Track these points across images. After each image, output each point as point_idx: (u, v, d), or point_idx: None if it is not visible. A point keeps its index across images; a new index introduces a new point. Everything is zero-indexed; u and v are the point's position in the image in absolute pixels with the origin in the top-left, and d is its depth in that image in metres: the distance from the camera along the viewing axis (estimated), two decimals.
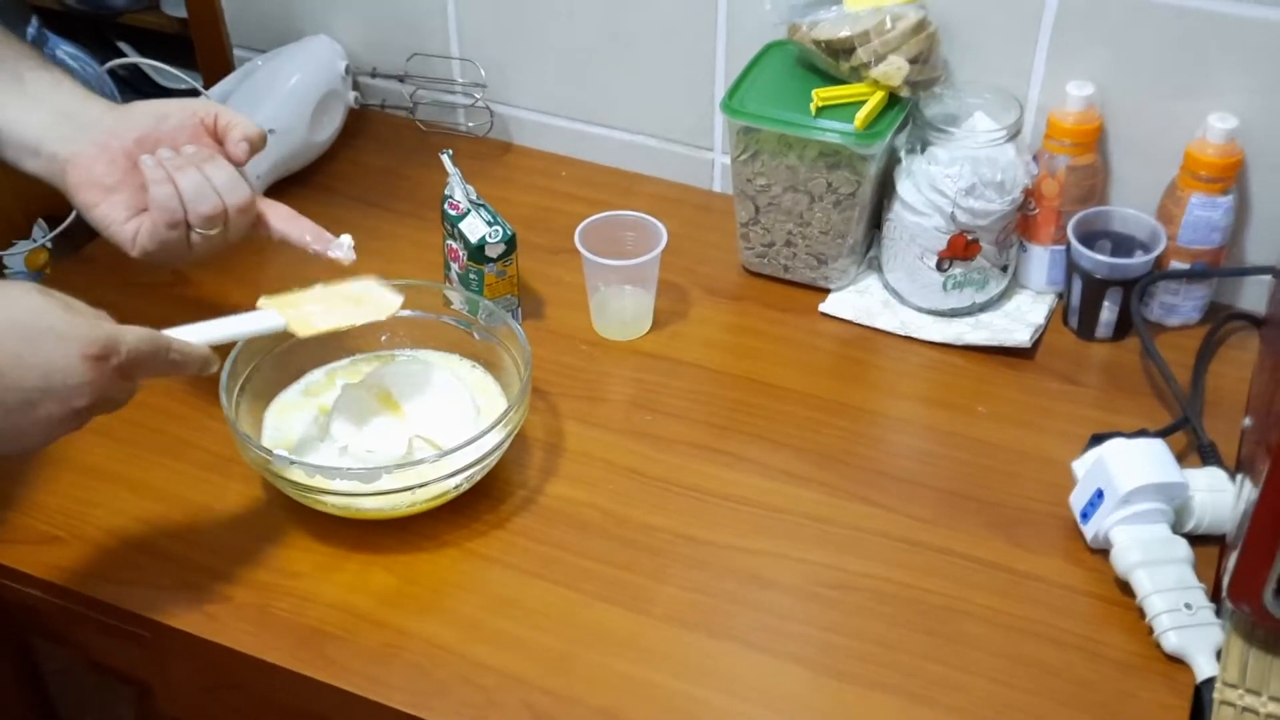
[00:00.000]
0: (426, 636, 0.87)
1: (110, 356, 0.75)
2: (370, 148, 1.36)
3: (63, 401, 0.73)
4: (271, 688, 0.88)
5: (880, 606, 0.89)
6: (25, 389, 0.72)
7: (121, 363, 0.76)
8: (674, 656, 0.86)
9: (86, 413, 0.75)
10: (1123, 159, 1.11)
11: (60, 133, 0.89)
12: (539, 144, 1.35)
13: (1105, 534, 0.90)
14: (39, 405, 0.73)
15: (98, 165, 0.89)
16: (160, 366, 0.79)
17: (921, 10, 1.07)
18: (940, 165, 1.06)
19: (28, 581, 0.93)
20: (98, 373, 0.74)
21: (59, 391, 0.73)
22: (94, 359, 0.74)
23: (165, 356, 0.79)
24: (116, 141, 0.90)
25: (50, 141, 0.89)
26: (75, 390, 0.74)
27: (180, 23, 1.57)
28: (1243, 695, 0.82)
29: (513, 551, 0.93)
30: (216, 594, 0.90)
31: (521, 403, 0.94)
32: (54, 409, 0.73)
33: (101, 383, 0.75)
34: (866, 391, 1.07)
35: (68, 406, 0.74)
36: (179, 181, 0.88)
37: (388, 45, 1.35)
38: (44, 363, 0.73)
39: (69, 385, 0.73)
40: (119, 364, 0.76)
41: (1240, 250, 1.11)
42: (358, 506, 0.92)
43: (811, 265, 1.15)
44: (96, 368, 0.74)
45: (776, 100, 1.09)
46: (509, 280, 1.08)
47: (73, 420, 0.75)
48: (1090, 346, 1.10)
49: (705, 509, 0.96)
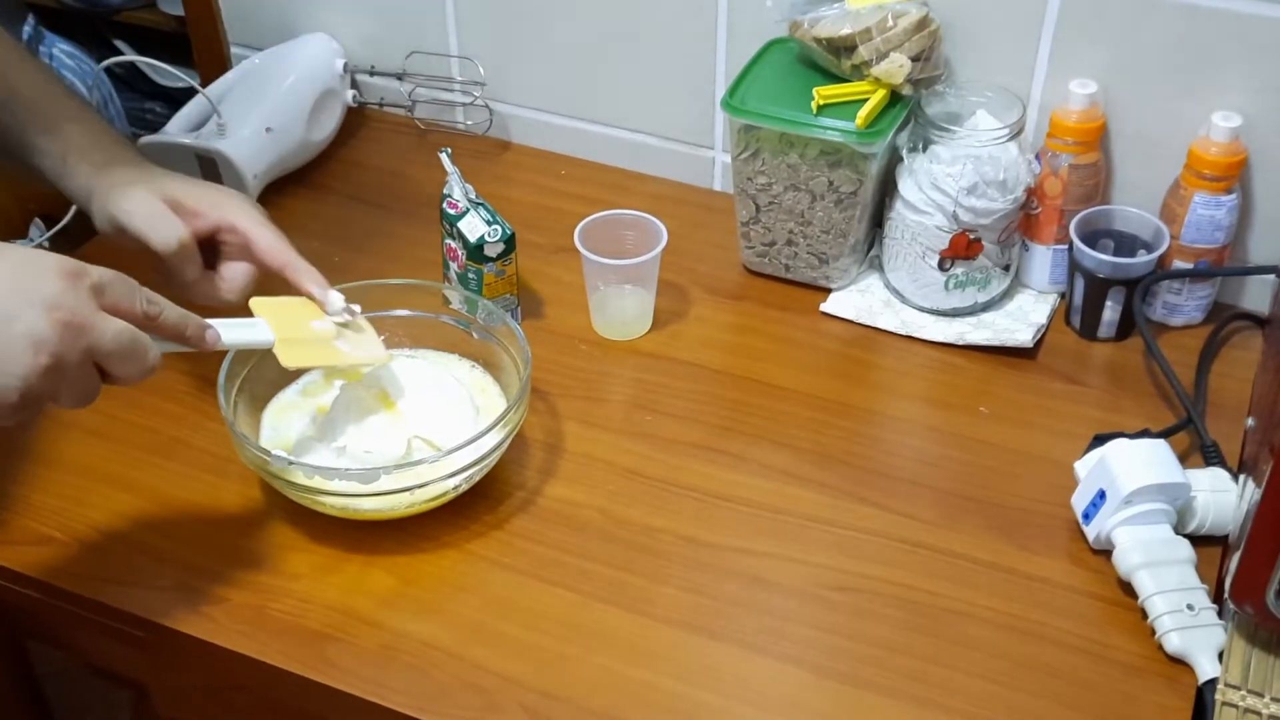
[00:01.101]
0: (425, 638, 0.87)
1: (82, 276, 0.74)
2: (368, 146, 1.36)
3: (43, 312, 0.71)
4: (269, 689, 0.88)
5: (882, 608, 0.89)
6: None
7: (94, 283, 0.74)
8: (674, 658, 0.86)
9: (71, 332, 0.72)
10: (1126, 158, 1.11)
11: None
12: (538, 142, 1.35)
13: (1107, 535, 0.90)
14: (18, 318, 0.71)
15: None
16: (133, 302, 0.77)
17: (924, 8, 1.07)
18: (942, 164, 1.05)
19: (23, 583, 0.92)
20: (71, 286, 0.73)
21: (35, 302, 0.71)
22: (66, 274, 0.73)
23: (138, 294, 0.78)
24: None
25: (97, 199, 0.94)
26: (52, 301, 0.72)
27: (177, 20, 1.56)
28: (1245, 696, 0.82)
29: (512, 553, 0.93)
30: (214, 595, 0.90)
31: (521, 403, 0.94)
32: (34, 322, 0.71)
33: (77, 299, 0.73)
34: (868, 392, 1.06)
35: (49, 319, 0.71)
36: None
37: (386, 43, 1.35)
38: (15, 274, 0.72)
39: (44, 295, 0.71)
40: (91, 284, 0.74)
41: (1244, 250, 1.11)
42: (356, 507, 0.91)
43: (813, 264, 1.14)
44: (69, 281, 0.73)
45: (777, 98, 1.08)
46: (508, 280, 1.08)
47: (58, 339, 0.72)
48: (1093, 346, 1.10)
49: (706, 510, 0.96)
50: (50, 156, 0.95)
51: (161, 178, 0.96)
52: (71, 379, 0.74)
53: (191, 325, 0.82)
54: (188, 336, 0.82)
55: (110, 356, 0.75)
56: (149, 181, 0.95)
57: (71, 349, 0.73)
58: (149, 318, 0.78)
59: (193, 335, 0.82)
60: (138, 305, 0.77)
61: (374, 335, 0.96)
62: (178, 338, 0.81)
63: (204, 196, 0.95)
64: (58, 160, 0.95)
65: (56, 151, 0.95)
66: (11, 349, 0.71)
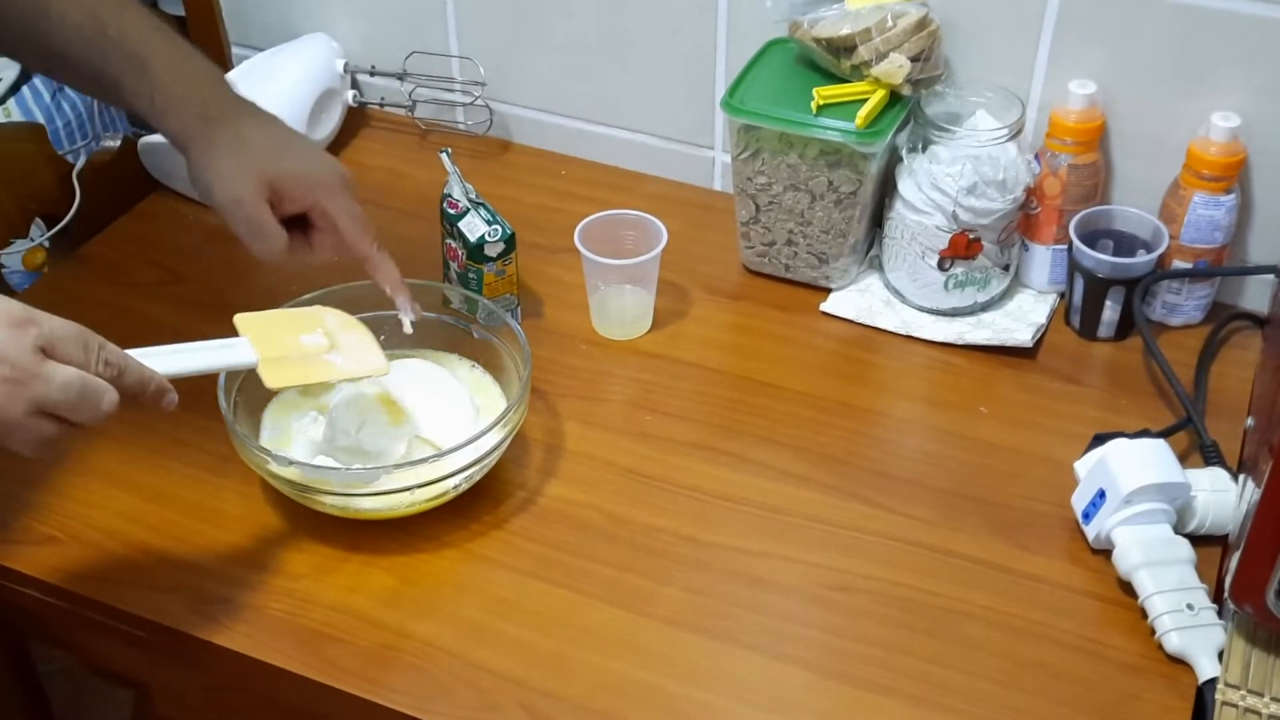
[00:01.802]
0: (425, 638, 0.87)
1: (29, 327, 0.72)
2: (369, 146, 1.36)
3: None
4: (269, 689, 0.88)
5: (881, 608, 0.89)
6: None
7: (42, 336, 0.72)
8: (674, 658, 0.86)
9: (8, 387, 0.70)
10: (1125, 158, 1.11)
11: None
12: (538, 142, 1.35)
13: (1107, 534, 0.90)
14: None
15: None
16: (86, 360, 0.74)
17: (923, 8, 1.07)
18: (942, 164, 1.06)
19: (24, 582, 0.92)
20: (14, 338, 0.70)
21: None
22: (12, 323, 0.71)
23: (93, 354, 0.75)
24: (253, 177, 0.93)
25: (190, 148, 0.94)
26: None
27: (178, 20, 1.56)
28: (1245, 696, 0.82)
29: (512, 552, 0.93)
30: (214, 595, 0.90)
31: (521, 402, 0.94)
32: None
33: (19, 352, 0.70)
34: (868, 391, 1.06)
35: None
36: None
37: (386, 43, 1.35)
38: None
39: None
40: (39, 336, 0.72)
41: (1243, 249, 1.11)
42: (356, 507, 0.91)
43: (812, 264, 1.14)
44: (12, 333, 0.71)
45: (777, 98, 1.09)
46: (508, 279, 1.08)
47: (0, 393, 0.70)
48: (1092, 346, 1.10)
49: (706, 510, 0.96)
50: (140, 99, 0.93)
51: (258, 151, 0.94)
52: (20, 429, 0.72)
53: (150, 390, 0.78)
54: (145, 400, 0.78)
55: (59, 406, 0.72)
56: (247, 156, 0.93)
57: (11, 403, 0.71)
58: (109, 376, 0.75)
59: (150, 401, 0.79)
60: (91, 365, 0.74)
61: (374, 344, 0.94)
62: (134, 400, 0.78)
63: (301, 179, 0.94)
64: (147, 102, 0.93)
65: (145, 93, 0.93)
66: None
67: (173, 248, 1.22)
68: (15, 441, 0.73)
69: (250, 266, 1.19)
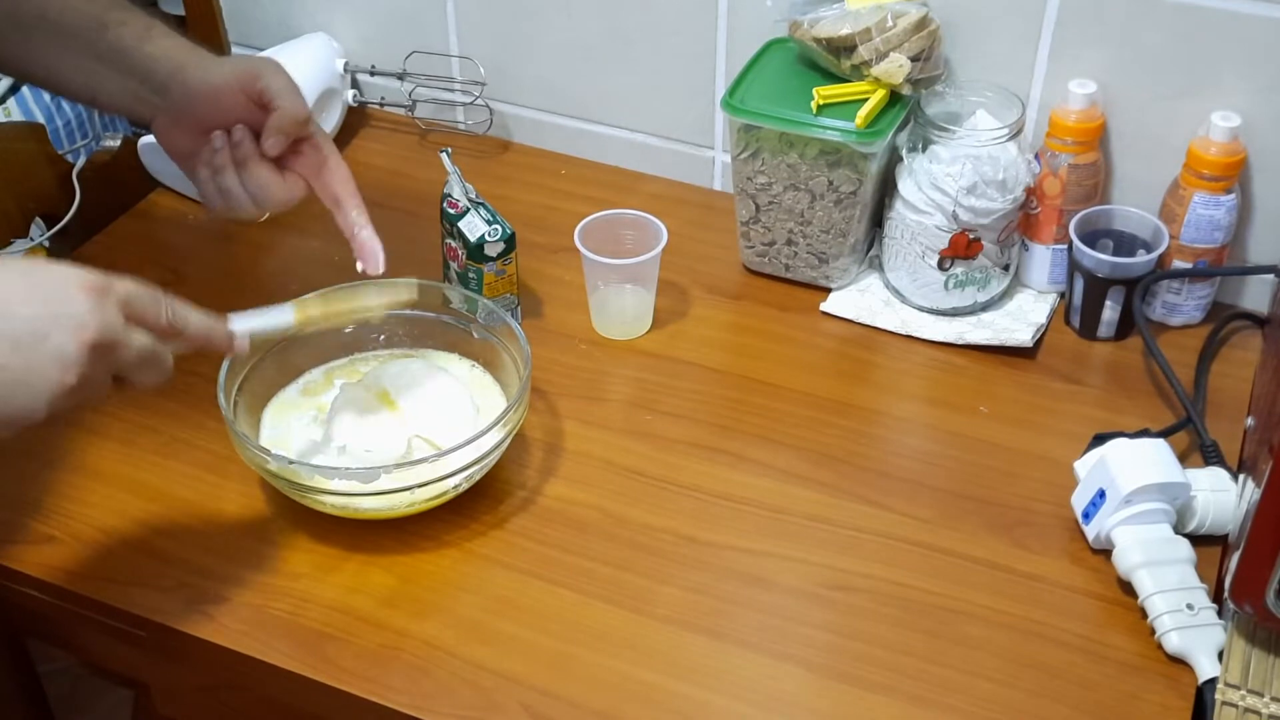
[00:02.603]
0: (425, 637, 0.87)
1: (107, 290, 0.73)
2: (368, 146, 1.36)
3: (71, 332, 0.71)
4: (269, 689, 0.88)
5: (881, 607, 0.89)
6: (28, 317, 0.70)
7: (120, 298, 0.74)
8: (674, 658, 0.86)
9: (98, 352, 0.72)
10: (1125, 157, 1.11)
11: (140, 98, 0.96)
12: (538, 142, 1.35)
13: (1107, 534, 0.90)
14: (48, 337, 0.70)
15: (173, 134, 0.97)
16: (158, 314, 0.77)
17: (923, 8, 1.07)
18: (942, 164, 1.06)
19: (24, 581, 0.92)
20: (98, 303, 0.72)
21: (63, 320, 0.71)
22: (92, 289, 0.73)
23: (161, 303, 0.77)
24: (184, 117, 0.95)
25: (135, 108, 0.97)
26: (80, 321, 0.71)
27: (178, 20, 1.56)
28: (1245, 696, 0.82)
29: (512, 552, 0.93)
30: (214, 594, 0.90)
31: (521, 402, 0.94)
32: (63, 341, 0.71)
33: (105, 315, 0.72)
34: (868, 391, 1.06)
35: (77, 339, 0.71)
36: (217, 183, 0.95)
37: (386, 42, 1.35)
38: (43, 292, 0.71)
39: (72, 314, 0.71)
40: (118, 299, 0.74)
41: (1243, 249, 1.11)
42: (356, 506, 0.91)
43: (812, 264, 1.15)
44: (95, 298, 0.72)
45: (777, 98, 1.09)
46: (508, 279, 1.08)
47: (86, 359, 0.71)
48: (1092, 346, 1.10)
49: (705, 509, 0.96)
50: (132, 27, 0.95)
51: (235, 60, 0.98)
52: (93, 390, 0.74)
53: (217, 333, 0.82)
54: (214, 344, 0.82)
55: (133, 368, 0.75)
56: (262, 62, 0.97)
57: (98, 367, 0.73)
58: (173, 330, 0.78)
59: (220, 343, 0.82)
60: (162, 317, 0.77)
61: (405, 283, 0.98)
62: (204, 347, 0.81)
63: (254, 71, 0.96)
64: (137, 33, 0.95)
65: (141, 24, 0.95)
66: (40, 369, 0.71)
67: (173, 248, 1.22)
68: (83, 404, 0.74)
69: (250, 266, 1.19)
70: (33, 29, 0.94)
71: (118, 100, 0.96)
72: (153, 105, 0.95)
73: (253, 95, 0.94)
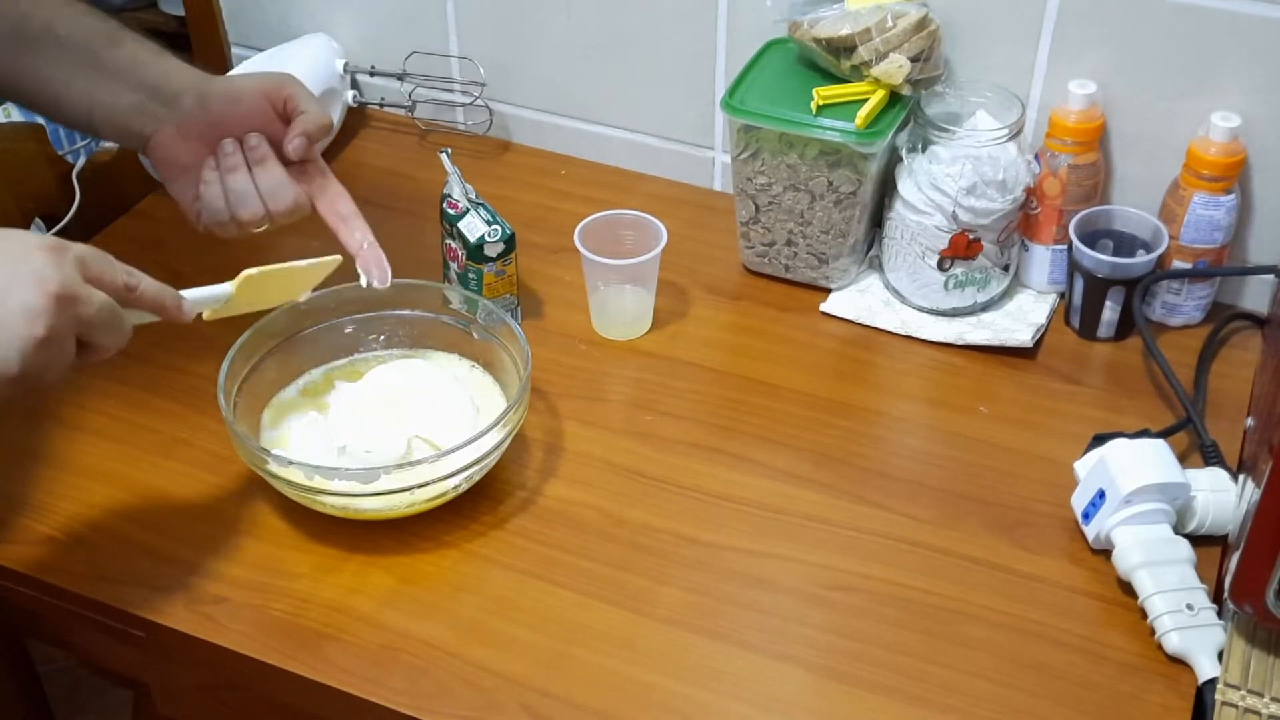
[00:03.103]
0: (425, 638, 0.87)
1: (64, 250, 0.75)
2: (368, 146, 1.36)
3: (34, 286, 0.72)
4: (269, 689, 0.88)
5: (881, 608, 0.89)
6: None
7: (76, 256, 0.75)
8: (674, 658, 0.86)
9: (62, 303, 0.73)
10: (1125, 158, 1.11)
11: (145, 112, 0.95)
12: (538, 143, 1.35)
13: (1107, 534, 0.90)
14: (10, 293, 0.72)
15: (176, 146, 0.95)
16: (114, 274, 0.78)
17: (923, 8, 1.07)
18: (942, 164, 1.06)
19: (24, 582, 0.92)
20: (57, 259, 0.73)
21: (25, 276, 0.72)
22: (49, 248, 0.74)
23: (117, 266, 0.78)
24: (193, 126, 0.95)
25: (136, 122, 0.95)
26: (41, 275, 0.72)
27: (178, 21, 1.56)
28: (1245, 696, 0.82)
29: (512, 552, 0.93)
30: (214, 595, 0.90)
31: (520, 403, 0.94)
32: (27, 294, 0.72)
33: (64, 271, 0.73)
34: (867, 391, 1.06)
35: (41, 291, 0.72)
36: (226, 184, 0.94)
37: (386, 43, 1.35)
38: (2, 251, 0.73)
39: (32, 269, 0.72)
40: (75, 257, 0.75)
41: (1243, 249, 1.11)
42: (356, 507, 0.91)
43: (812, 264, 1.15)
44: (54, 256, 0.73)
45: (777, 98, 1.09)
46: (508, 280, 1.08)
47: (53, 309, 0.72)
48: (1092, 346, 1.10)
49: (705, 510, 0.96)
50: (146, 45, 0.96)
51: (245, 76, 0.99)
52: (61, 350, 0.75)
53: (169, 297, 0.83)
54: (166, 307, 0.82)
55: (95, 327, 0.76)
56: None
57: (63, 319, 0.73)
58: (129, 289, 0.79)
59: (170, 306, 0.83)
60: (118, 277, 0.78)
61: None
62: (156, 309, 0.82)
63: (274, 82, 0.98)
64: (152, 50, 0.96)
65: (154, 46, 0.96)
66: (9, 322, 0.72)
67: (172, 248, 1.22)
68: (52, 365, 0.74)
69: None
70: (37, 42, 0.94)
71: (116, 115, 0.95)
72: (157, 118, 0.95)
73: (277, 102, 0.95)
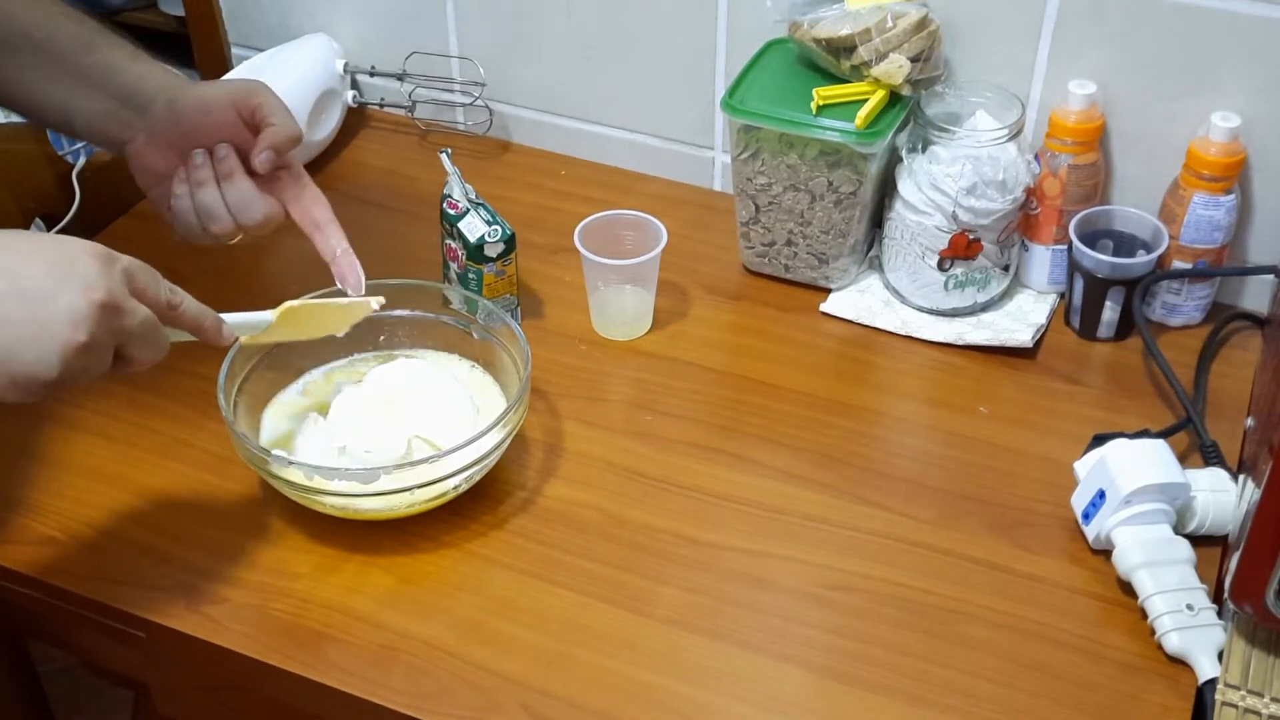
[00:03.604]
0: (425, 638, 0.87)
1: (113, 259, 0.75)
2: (368, 146, 1.36)
3: (81, 291, 0.72)
4: (269, 689, 0.88)
5: (881, 608, 0.89)
6: (38, 275, 0.72)
7: (124, 268, 0.75)
8: (674, 658, 0.86)
9: (106, 312, 0.73)
10: (1125, 158, 1.11)
11: (120, 119, 0.94)
12: (538, 143, 1.35)
13: (1107, 535, 0.90)
14: (57, 295, 0.72)
15: (151, 154, 0.95)
16: (158, 290, 0.78)
17: (923, 8, 1.07)
18: (942, 164, 1.06)
19: (24, 582, 0.92)
20: (105, 268, 0.74)
21: (73, 280, 0.72)
22: (99, 256, 0.74)
23: (160, 281, 0.79)
24: (167, 134, 0.94)
25: (112, 129, 0.95)
26: (89, 281, 0.72)
27: (178, 21, 1.56)
28: (1245, 696, 0.82)
29: (512, 552, 0.93)
30: (214, 595, 0.90)
31: (520, 403, 0.94)
32: (74, 298, 0.72)
33: (112, 280, 0.74)
34: (867, 391, 1.06)
35: (88, 298, 0.72)
36: (195, 198, 0.94)
37: (386, 43, 1.35)
38: (52, 254, 0.73)
39: (81, 274, 0.73)
40: (123, 269, 0.75)
41: (1243, 250, 1.11)
42: (356, 507, 0.91)
43: (812, 264, 1.15)
44: (103, 264, 0.74)
45: (777, 99, 1.09)
46: (508, 280, 1.08)
47: (96, 317, 0.72)
48: (1092, 346, 1.10)
49: (705, 510, 0.96)
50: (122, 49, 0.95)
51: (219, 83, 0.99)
52: (99, 358, 0.75)
53: (209, 319, 0.83)
54: (205, 329, 0.83)
55: (134, 340, 0.76)
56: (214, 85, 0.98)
57: (105, 328, 0.74)
58: (171, 307, 0.79)
59: (210, 328, 0.83)
60: (162, 294, 0.79)
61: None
62: (195, 330, 0.82)
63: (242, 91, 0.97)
64: (128, 55, 0.95)
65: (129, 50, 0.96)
66: (52, 325, 0.72)
67: (173, 248, 1.21)
68: (88, 372, 0.75)
69: (250, 268, 1.19)
70: (14, 48, 0.93)
71: (94, 121, 0.95)
72: (132, 126, 0.94)
73: (245, 112, 0.94)
